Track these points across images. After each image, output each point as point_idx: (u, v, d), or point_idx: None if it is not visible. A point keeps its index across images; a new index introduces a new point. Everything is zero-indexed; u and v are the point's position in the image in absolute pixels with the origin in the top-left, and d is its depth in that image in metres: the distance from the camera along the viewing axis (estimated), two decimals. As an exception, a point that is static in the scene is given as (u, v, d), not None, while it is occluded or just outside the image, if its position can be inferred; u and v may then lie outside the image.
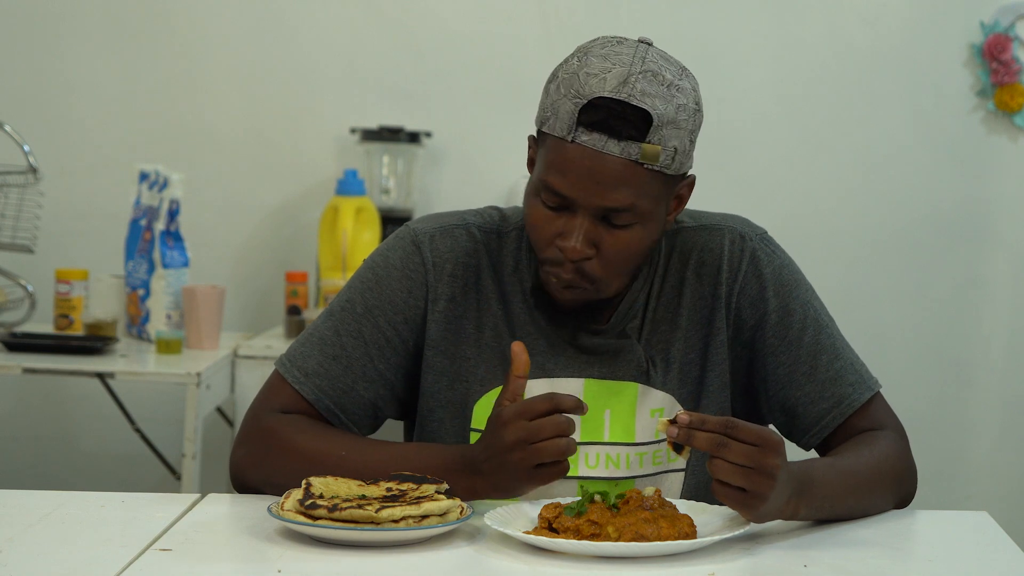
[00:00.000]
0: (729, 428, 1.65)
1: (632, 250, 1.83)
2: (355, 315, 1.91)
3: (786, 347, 1.92)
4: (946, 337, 4.13)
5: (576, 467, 1.90)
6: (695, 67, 1.97)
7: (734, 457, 1.65)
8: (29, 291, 3.61)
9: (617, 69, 1.79)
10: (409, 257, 1.93)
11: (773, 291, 1.94)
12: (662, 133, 1.78)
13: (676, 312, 1.94)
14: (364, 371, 1.90)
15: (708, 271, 1.94)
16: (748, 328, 1.94)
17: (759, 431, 1.66)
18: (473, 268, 1.94)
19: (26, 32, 4.06)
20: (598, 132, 1.78)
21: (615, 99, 1.77)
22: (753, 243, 1.96)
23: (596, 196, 1.79)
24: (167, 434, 3.81)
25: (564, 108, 1.79)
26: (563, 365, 1.92)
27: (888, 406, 1.96)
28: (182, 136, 4.08)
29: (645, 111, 1.77)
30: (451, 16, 4.08)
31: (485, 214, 1.98)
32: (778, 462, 1.66)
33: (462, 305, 1.93)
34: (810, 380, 1.92)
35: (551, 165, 1.81)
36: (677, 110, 1.79)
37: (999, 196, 4.11)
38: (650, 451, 1.90)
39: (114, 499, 1.87)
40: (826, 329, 1.94)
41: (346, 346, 1.90)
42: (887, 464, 1.87)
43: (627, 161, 1.78)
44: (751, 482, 1.65)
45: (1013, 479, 4.14)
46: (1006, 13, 4.07)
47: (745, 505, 1.67)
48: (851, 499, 1.82)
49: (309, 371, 1.90)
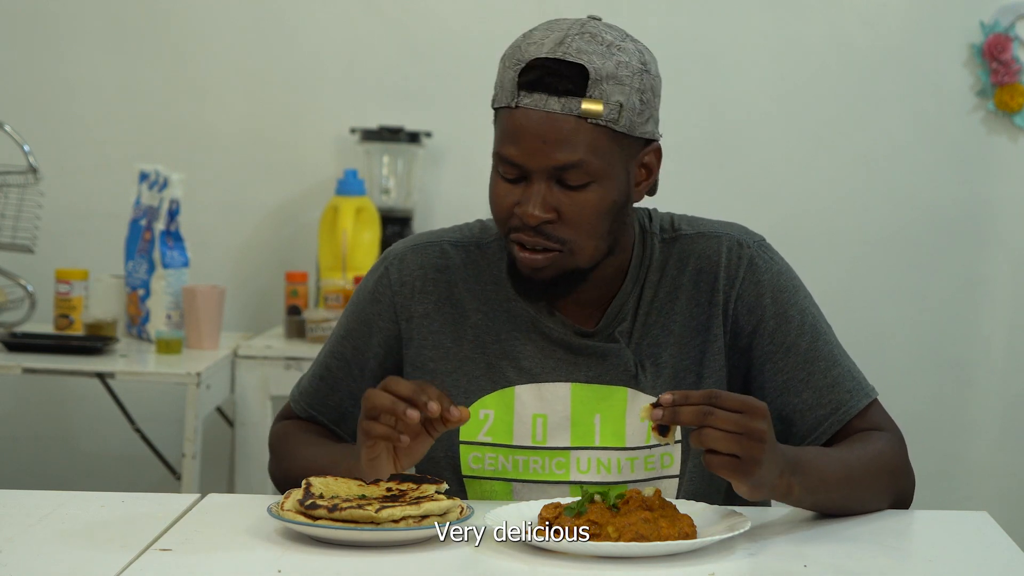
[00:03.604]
0: (713, 398, 1.66)
1: (593, 211, 1.84)
2: (339, 338, 2.02)
3: (783, 354, 1.92)
4: (946, 337, 4.13)
5: (568, 471, 1.91)
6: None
7: (722, 424, 1.65)
8: (29, 291, 3.61)
9: (555, 34, 1.83)
10: (380, 279, 2.00)
11: (770, 297, 1.93)
12: (603, 88, 1.80)
13: (670, 317, 1.94)
14: (350, 390, 2.00)
15: (705, 278, 1.94)
16: (745, 335, 1.93)
17: (743, 398, 1.67)
18: (445, 283, 1.97)
19: (26, 32, 4.06)
20: (538, 92, 1.81)
21: (551, 58, 1.81)
22: (751, 250, 1.95)
23: (544, 157, 1.81)
24: (167, 434, 3.81)
25: (507, 78, 1.84)
26: (550, 369, 1.93)
27: (886, 413, 1.95)
28: (182, 136, 4.08)
29: (581, 66, 1.80)
30: (451, 16, 4.08)
31: (465, 229, 2.02)
32: (764, 426, 1.66)
33: (437, 320, 1.97)
34: (807, 387, 1.91)
35: (502, 135, 1.85)
36: (617, 66, 1.81)
37: (999, 196, 4.11)
38: (641, 456, 1.90)
39: (114, 499, 1.87)
40: (824, 336, 1.94)
41: (331, 367, 2.02)
42: (882, 460, 1.86)
43: (569, 116, 1.81)
44: (742, 447, 1.65)
45: (1013, 479, 4.14)
46: (1006, 13, 4.07)
47: (739, 471, 1.66)
48: (844, 489, 1.81)
49: (303, 390, 2.04)
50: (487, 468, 1.92)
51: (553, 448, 1.91)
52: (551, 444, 1.91)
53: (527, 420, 1.92)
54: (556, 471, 1.91)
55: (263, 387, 3.54)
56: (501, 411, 1.92)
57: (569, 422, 1.91)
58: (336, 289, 3.69)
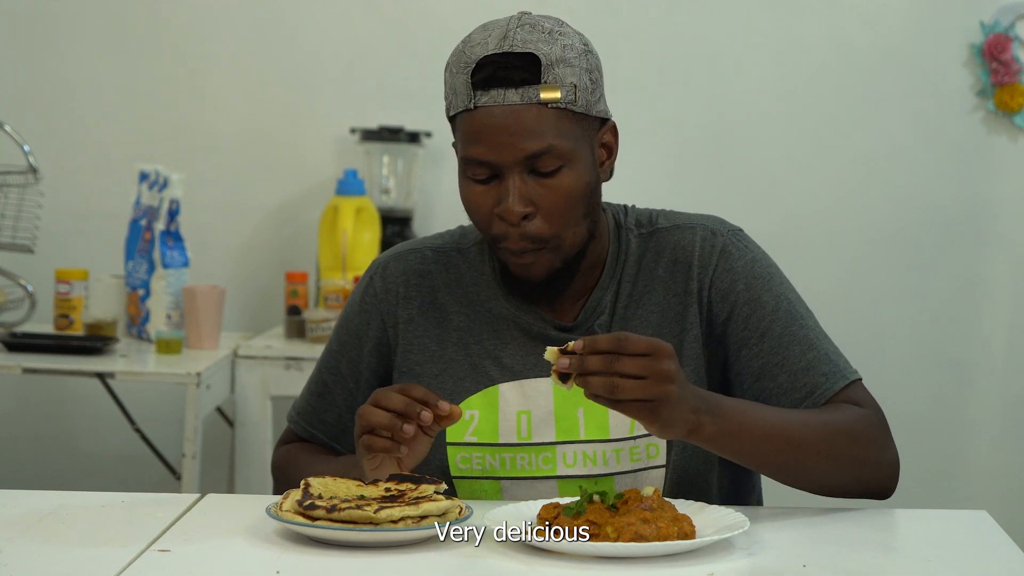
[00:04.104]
0: (621, 341, 1.67)
1: (568, 195, 1.85)
2: (332, 353, 2.05)
3: (758, 339, 1.92)
4: (946, 337, 4.13)
5: (554, 466, 1.92)
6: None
7: (629, 369, 1.66)
8: (29, 291, 3.61)
9: (496, 32, 1.85)
10: (366, 290, 2.04)
11: (744, 284, 1.94)
12: (555, 72, 1.83)
13: (647, 309, 1.95)
14: (347, 403, 2.02)
15: (680, 268, 1.96)
16: (720, 322, 1.94)
17: (649, 340, 1.68)
18: (427, 288, 2.00)
19: (26, 32, 4.06)
20: (495, 88, 1.83)
21: (499, 53, 1.83)
22: (724, 238, 1.96)
23: (514, 149, 1.83)
24: (167, 434, 3.82)
25: (459, 82, 1.85)
26: (532, 365, 1.94)
27: (868, 395, 1.91)
28: (182, 136, 4.08)
29: (531, 54, 1.82)
30: (451, 16, 4.08)
31: (446, 235, 2.06)
32: (672, 366, 1.68)
33: (421, 325, 1.99)
34: (782, 371, 1.90)
35: (466, 138, 1.86)
36: (563, 49, 1.84)
37: (999, 196, 4.11)
38: (626, 447, 1.91)
39: (114, 499, 1.87)
40: (799, 320, 1.92)
41: (327, 383, 2.04)
42: (839, 426, 1.83)
43: (530, 105, 1.83)
44: (649, 391, 1.67)
45: (1013, 479, 4.14)
46: (1006, 13, 4.07)
47: (649, 411, 1.68)
48: (780, 445, 1.79)
49: (300, 410, 2.06)
50: (475, 468, 1.93)
51: (539, 444, 1.92)
52: (536, 440, 1.92)
53: (512, 417, 1.93)
54: (543, 466, 1.93)
55: (263, 387, 3.54)
56: (486, 410, 1.94)
57: (553, 417, 1.92)
58: (336, 289, 3.69)
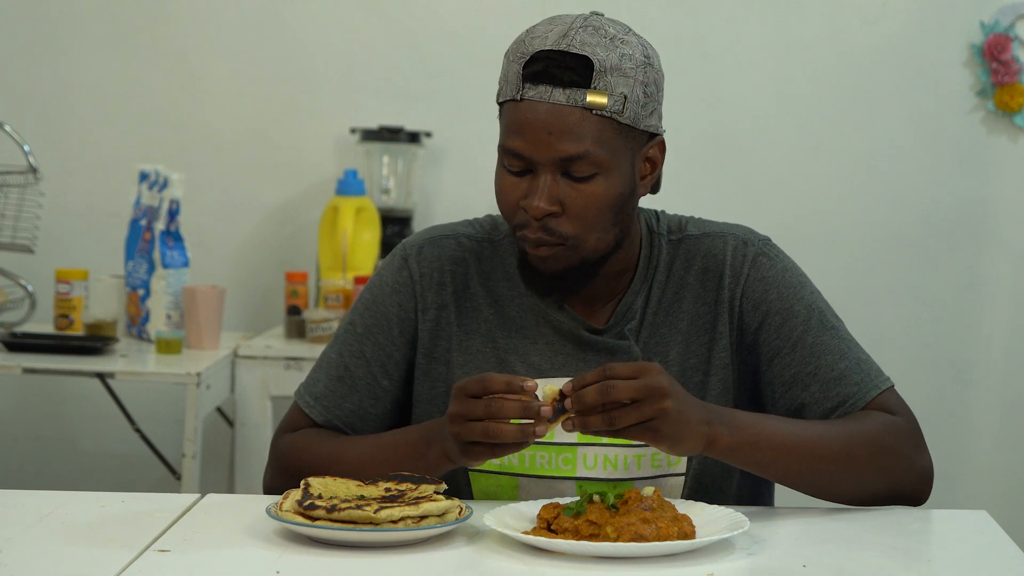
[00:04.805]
0: (607, 371, 1.68)
1: (598, 202, 1.84)
2: (356, 336, 1.97)
3: (790, 348, 1.92)
4: (946, 337, 4.13)
5: (574, 467, 1.90)
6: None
7: (623, 394, 1.67)
8: (29, 291, 3.61)
9: (559, 27, 1.84)
10: (399, 271, 1.98)
11: (776, 293, 1.93)
12: (607, 79, 1.81)
13: (677, 316, 1.94)
14: (370, 389, 1.96)
15: (711, 276, 1.95)
16: (751, 331, 1.94)
17: (634, 363, 1.70)
18: (461, 276, 1.98)
19: (26, 32, 4.06)
20: (543, 84, 1.82)
21: (555, 50, 1.82)
22: (755, 247, 1.96)
23: (550, 148, 1.82)
24: (167, 434, 3.82)
25: (512, 71, 1.85)
26: (559, 365, 1.93)
27: (902, 401, 1.91)
28: (182, 136, 4.08)
29: (586, 57, 1.81)
30: (451, 16, 4.08)
31: (477, 224, 2.03)
32: (663, 380, 1.69)
33: (453, 312, 1.97)
34: (815, 380, 1.90)
35: (508, 128, 1.85)
36: (621, 58, 1.82)
37: (999, 196, 4.11)
38: (648, 453, 1.90)
39: (114, 499, 1.87)
40: (831, 330, 1.93)
41: (350, 367, 1.96)
42: (865, 438, 1.84)
43: (574, 108, 1.81)
44: (644, 412, 1.68)
45: (1013, 479, 4.14)
46: (1006, 13, 4.07)
47: (650, 431, 1.69)
48: (802, 457, 1.80)
49: (317, 394, 1.97)
50: (493, 462, 1.92)
51: (560, 444, 1.91)
52: (558, 440, 1.91)
53: None
54: (562, 467, 1.92)
55: (263, 387, 3.54)
56: None
57: None
58: (336, 289, 3.69)
